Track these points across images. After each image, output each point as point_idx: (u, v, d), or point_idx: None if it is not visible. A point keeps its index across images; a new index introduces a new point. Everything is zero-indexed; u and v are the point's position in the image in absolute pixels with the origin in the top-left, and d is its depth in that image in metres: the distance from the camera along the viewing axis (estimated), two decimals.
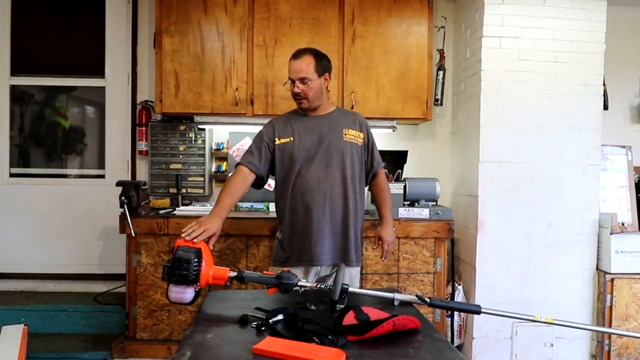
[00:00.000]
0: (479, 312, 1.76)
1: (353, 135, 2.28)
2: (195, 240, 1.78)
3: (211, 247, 1.92)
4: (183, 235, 1.80)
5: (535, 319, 1.77)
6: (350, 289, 1.72)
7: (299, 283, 1.72)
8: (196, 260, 1.65)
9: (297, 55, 2.21)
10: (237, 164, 2.25)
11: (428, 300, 1.70)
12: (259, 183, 2.28)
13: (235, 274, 1.73)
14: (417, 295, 1.73)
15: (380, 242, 2.37)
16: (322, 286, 1.76)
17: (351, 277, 2.27)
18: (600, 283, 3.07)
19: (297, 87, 2.19)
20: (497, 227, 3.09)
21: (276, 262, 2.30)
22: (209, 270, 1.70)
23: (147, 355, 3.02)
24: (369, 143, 2.34)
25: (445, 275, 3.11)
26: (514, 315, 1.82)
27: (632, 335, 2.75)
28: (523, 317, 1.81)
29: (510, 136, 3.09)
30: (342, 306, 1.66)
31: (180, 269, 1.63)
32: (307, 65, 2.18)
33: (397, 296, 1.76)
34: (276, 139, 2.26)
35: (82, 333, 3.30)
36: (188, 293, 1.65)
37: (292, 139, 2.24)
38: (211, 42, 3.24)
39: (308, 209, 2.19)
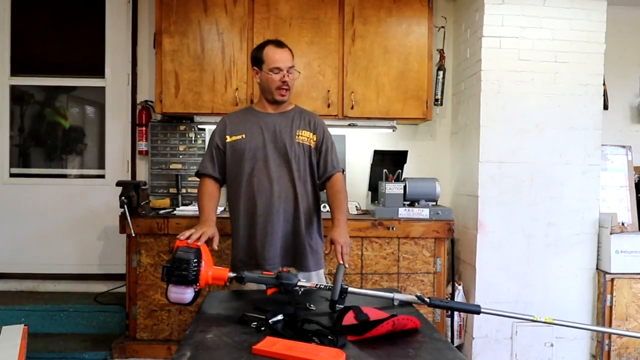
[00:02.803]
0: (478, 312, 1.76)
1: (306, 137, 2.19)
2: (198, 244, 1.78)
3: (216, 247, 1.95)
4: (182, 238, 1.80)
5: (535, 319, 1.77)
6: (350, 289, 1.72)
7: (299, 283, 1.73)
8: (195, 260, 1.65)
9: (281, 44, 2.18)
10: (198, 173, 2.27)
11: (428, 300, 1.71)
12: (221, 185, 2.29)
13: (234, 274, 1.74)
14: (416, 296, 1.74)
15: (332, 245, 2.00)
16: (322, 286, 1.76)
17: (312, 281, 2.11)
18: (600, 283, 3.07)
19: (287, 76, 2.13)
20: (497, 227, 3.09)
21: (233, 266, 2.21)
22: (209, 270, 1.70)
23: (147, 355, 3.02)
24: (322, 145, 2.21)
25: (445, 275, 3.11)
26: (513, 315, 1.83)
27: (632, 335, 2.75)
28: (523, 317, 1.81)
29: (510, 136, 3.09)
30: (342, 306, 1.66)
31: (180, 270, 1.63)
32: (290, 54, 2.19)
33: (397, 296, 1.76)
34: (227, 137, 2.18)
35: (82, 333, 3.30)
36: (187, 293, 1.65)
37: (243, 136, 2.17)
38: (211, 42, 3.24)
39: (261, 211, 2.11)
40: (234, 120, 2.23)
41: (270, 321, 1.45)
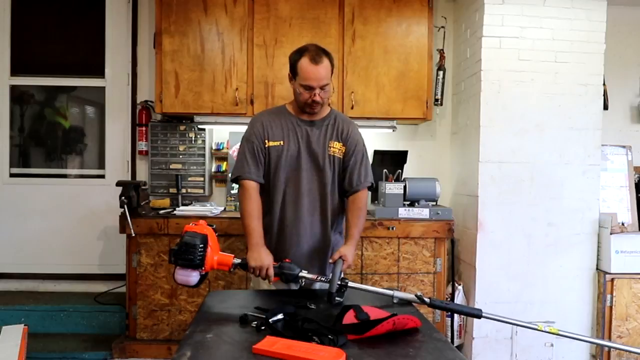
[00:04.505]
0: (479, 317, 1.74)
1: (337, 149, 2.10)
2: (271, 282, 1.88)
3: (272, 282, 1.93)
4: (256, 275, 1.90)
5: (539, 329, 1.71)
6: (350, 284, 1.76)
7: (300, 274, 1.79)
8: (202, 245, 1.71)
9: (318, 59, 1.96)
10: (239, 178, 2.07)
11: (428, 300, 1.71)
12: None
13: (239, 261, 1.82)
14: (416, 295, 1.74)
15: (340, 258, 1.92)
16: (323, 279, 1.79)
17: None
18: (600, 283, 3.07)
19: (319, 95, 1.98)
20: (497, 227, 3.09)
21: None
22: (214, 255, 1.76)
23: (147, 355, 3.02)
24: (350, 158, 2.10)
25: (445, 275, 3.11)
26: (516, 322, 1.77)
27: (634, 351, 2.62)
28: (526, 325, 1.76)
29: (510, 136, 3.09)
30: (341, 299, 1.70)
31: (186, 253, 1.70)
32: (327, 70, 1.99)
33: (397, 294, 1.77)
34: (266, 141, 2.07)
35: (82, 333, 3.30)
36: (193, 276, 1.72)
37: (282, 143, 2.06)
38: (211, 42, 3.24)
39: (289, 222, 2.07)
40: (272, 124, 2.09)
41: (270, 320, 1.46)
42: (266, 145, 2.07)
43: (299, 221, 2.07)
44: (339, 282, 1.76)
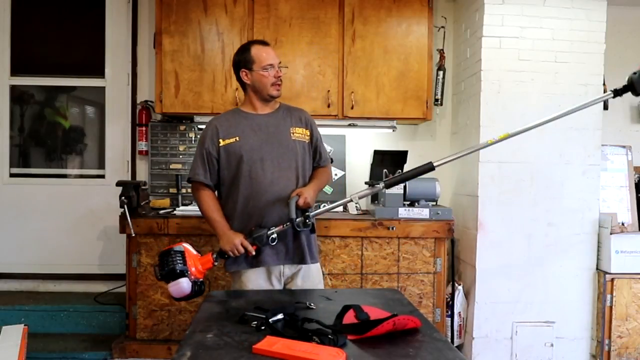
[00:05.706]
0: (432, 168, 2.00)
1: (300, 134, 2.21)
2: (252, 253, 2.02)
3: (253, 253, 2.04)
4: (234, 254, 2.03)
5: (490, 142, 2.02)
6: (313, 213, 2.00)
7: (269, 232, 1.96)
8: (179, 253, 1.81)
9: (265, 42, 2.23)
10: (190, 180, 2.20)
11: (382, 184, 2.00)
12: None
13: (215, 253, 1.98)
14: (370, 185, 1.99)
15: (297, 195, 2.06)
16: (286, 225, 1.98)
17: (312, 276, 2.18)
18: (600, 283, 3.07)
19: (279, 71, 2.16)
20: (497, 227, 3.09)
21: (231, 266, 2.14)
22: (196, 262, 1.88)
23: (147, 355, 3.02)
24: (316, 140, 2.28)
25: (445, 275, 3.11)
26: (464, 152, 2.08)
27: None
28: (474, 149, 2.22)
29: None
30: (307, 229, 1.98)
31: (167, 264, 1.80)
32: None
33: (354, 195, 2.01)
34: (220, 140, 2.14)
35: (82, 333, 3.30)
36: (183, 282, 1.80)
37: (237, 138, 2.13)
38: (211, 42, 3.24)
39: (260, 213, 2.09)
40: (225, 123, 2.18)
41: (270, 320, 1.46)
42: (220, 145, 2.15)
43: (269, 212, 2.08)
44: (303, 214, 1.98)
